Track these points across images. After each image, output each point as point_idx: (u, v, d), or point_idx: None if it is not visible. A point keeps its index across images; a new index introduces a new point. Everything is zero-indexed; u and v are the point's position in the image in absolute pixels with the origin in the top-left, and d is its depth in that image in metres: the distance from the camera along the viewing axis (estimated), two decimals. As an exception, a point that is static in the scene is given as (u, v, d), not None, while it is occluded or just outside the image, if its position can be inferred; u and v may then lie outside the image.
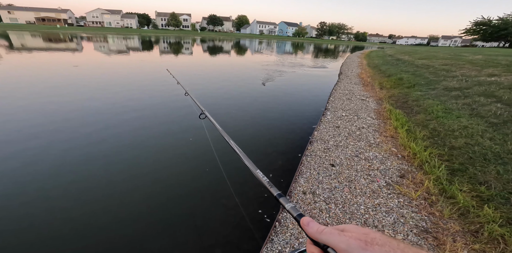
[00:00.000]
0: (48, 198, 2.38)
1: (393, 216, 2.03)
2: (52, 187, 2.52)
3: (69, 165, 2.91)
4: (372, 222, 1.97)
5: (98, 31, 52.15)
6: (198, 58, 16.38)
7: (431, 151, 3.06)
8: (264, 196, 2.41)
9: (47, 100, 5.26)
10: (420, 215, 2.04)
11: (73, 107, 4.93)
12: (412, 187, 2.42)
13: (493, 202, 2.12)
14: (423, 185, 2.42)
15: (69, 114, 4.55)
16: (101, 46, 21.41)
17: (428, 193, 2.31)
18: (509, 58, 10.36)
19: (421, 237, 1.82)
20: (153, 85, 7.36)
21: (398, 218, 2.01)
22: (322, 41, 79.38)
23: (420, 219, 1.99)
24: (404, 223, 1.96)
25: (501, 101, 4.73)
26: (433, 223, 1.94)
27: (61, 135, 3.64)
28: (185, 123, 4.43)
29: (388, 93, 6.61)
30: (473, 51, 18.71)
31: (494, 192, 2.26)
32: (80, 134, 3.71)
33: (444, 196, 2.24)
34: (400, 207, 2.13)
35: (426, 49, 27.25)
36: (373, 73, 10.76)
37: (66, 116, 4.43)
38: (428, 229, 1.89)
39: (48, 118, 4.30)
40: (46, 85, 6.69)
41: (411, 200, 2.22)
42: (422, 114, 4.56)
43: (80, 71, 8.96)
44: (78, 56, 13.93)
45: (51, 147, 3.29)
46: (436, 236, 1.81)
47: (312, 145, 3.35)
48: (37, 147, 3.25)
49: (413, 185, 2.44)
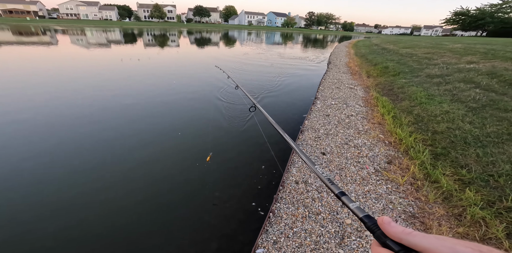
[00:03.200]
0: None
1: (382, 202, 1.95)
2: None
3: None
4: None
5: (74, 23, 46.19)
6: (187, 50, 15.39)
7: (416, 137, 2.96)
8: (258, 187, 2.28)
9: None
10: (407, 200, 1.96)
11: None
12: (399, 172, 2.33)
13: (474, 185, 2.06)
14: (409, 170, 2.34)
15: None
16: (78, 39, 19.18)
17: (414, 178, 2.23)
18: (486, 46, 10.17)
19: (409, 222, 1.75)
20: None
21: (387, 204, 1.93)
22: (311, 31, 76.31)
23: (408, 205, 1.92)
24: (393, 209, 1.88)
25: (480, 86, 4.62)
26: (419, 208, 1.87)
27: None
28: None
29: (375, 81, 6.41)
30: (453, 40, 18.43)
31: (474, 175, 2.20)
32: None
33: (429, 181, 2.17)
34: (388, 193, 2.05)
35: (409, 38, 26.62)
36: (360, 62, 10.42)
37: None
38: (415, 214, 1.82)
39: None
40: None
41: (398, 186, 2.14)
42: (407, 101, 4.43)
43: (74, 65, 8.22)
44: (58, 49, 12.77)
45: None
46: (423, 221, 1.75)
47: (303, 134, 3.19)
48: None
49: (400, 171, 2.36)
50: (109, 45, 15.95)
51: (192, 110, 4.46)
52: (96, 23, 49.22)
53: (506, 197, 1.82)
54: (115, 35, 24.33)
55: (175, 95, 5.31)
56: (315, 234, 1.71)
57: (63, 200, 2.14)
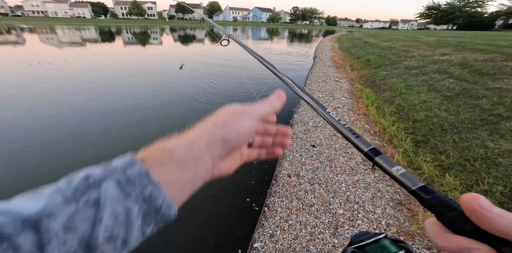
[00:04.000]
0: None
1: (371, 191, 1.98)
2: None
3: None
4: (354, 199, 1.90)
5: (41, 21, 41.49)
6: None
7: (398, 126, 3.03)
8: (251, 183, 2.22)
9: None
10: (393, 188, 2.00)
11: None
12: (385, 161, 2.37)
13: (452, 170, 2.15)
14: (393, 158, 2.38)
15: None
16: (49, 38, 17.36)
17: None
18: (457, 39, 10.65)
19: (397, 209, 1.79)
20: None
21: (375, 193, 1.96)
22: (296, 26, 75.65)
23: (394, 192, 1.96)
24: (381, 197, 1.91)
25: (453, 76, 4.82)
26: (405, 195, 1.92)
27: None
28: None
29: (359, 73, 6.49)
30: (427, 33, 19.12)
31: (452, 160, 2.29)
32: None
33: (412, 168, 2.23)
34: (376, 182, 2.08)
35: (388, 32, 27.27)
36: (344, 55, 10.51)
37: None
38: (402, 201, 1.86)
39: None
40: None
41: (385, 174, 2.18)
42: (389, 92, 4.52)
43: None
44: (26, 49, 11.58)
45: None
46: (409, 208, 1.79)
47: (293, 128, 3.15)
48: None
49: (386, 160, 2.40)
50: (84, 43, 14.69)
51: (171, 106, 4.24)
52: (68, 21, 44.60)
53: (482, 180, 1.91)
54: (89, 34, 22.27)
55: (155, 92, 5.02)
56: (310, 226, 1.70)
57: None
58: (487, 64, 5.13)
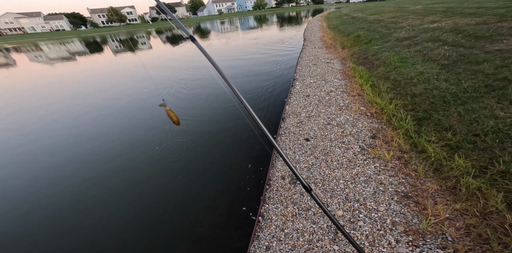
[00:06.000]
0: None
1: (372, 185, 1.69)
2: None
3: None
4: (353, 196, 1.63)
5: (22, 39, 37.35)
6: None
7: (396, 103, 2.64)
8: (247, 189, 1.97)
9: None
10: (397, 178, 1.71)
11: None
12: (385, 147, 2.05)
13: (462, 149, 1.81)
14: (394, 142, 2.05)
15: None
16: (37, 55, 15.58)
17: (401, 151, 1.96)
18: (444, 5, 9.45)
19: (403, 204, 1.51)
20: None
21: (377, 186, 1.67)
22: (283, 9, 70.20)
23: (399, 183, 1.66)
24: (384, 191, 1.63)
25: (447, 43, 4.20)
26: (411, 186, 1.62)
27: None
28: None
29: (350, 51, 5.84)
30: (413, 2, 17.27)
31: (460, 137, 1.94)
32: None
33: (416, 151, 1.90)
34: (377, 174, 1.78)
35: (374, 4, 24.76)
36: (333, 34, 9.58)
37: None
38: (408, 193, 1.58)
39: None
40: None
41: (386, 162, 1.87)
42: (382, 67, 4.00)
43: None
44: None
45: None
46: (417, 201, 1.51)
47: (285, 122, 2.82)
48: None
49: (386, 145, 2.07)
50: (73, 57, 14.01)
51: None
52: (48, 36, 40.39)
53: (497, 159, 1.58)
54: (76, 46, 20.74)
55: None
56: (308, 233, 1.46)
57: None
58: (481, 27, 4.43)
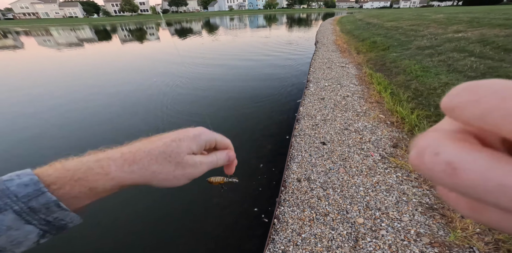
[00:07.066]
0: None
1: (394, 194, 1.67)
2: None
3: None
4: (375, 205, 1.61)
5: (35, 23, 39.50)
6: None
7: (419, 113, 2.63)
8: (258, 189, 1.96)
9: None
10: (421, 189, 1.69)
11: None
12: (407, 157, 2.03)
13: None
14: (417, 153, 2.04)
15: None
16: (45, 40, 16.50)
17: (424, 162, 1.94)
18: (468, 15, 9.50)
19: (428, 215, 1.49)
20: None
21: (399, 196, 1.65)
22: (294, 11, 71.11)
23: (423, 195, 1.64)
24: (407, 201, 1.61)
25: (474, 54, 4.21)
26: (436, 198, 1.60)
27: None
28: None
29: (366, 57, 5.87)
30: (434, 10, 17.48)
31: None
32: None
33: (441, 164, 1.88)
34: (399, 183, 1.76)
35: (391, 11, 25.06)
36: (347, 38, 9.64)
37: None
38: (433, 205, 1.56)
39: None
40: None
41: (409, 173, 1.86)
42: (402, 75, 4.01)
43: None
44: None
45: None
46: (443, 213, 1.49)
47: (300, 123, 2.81)
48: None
49: (408, 155, 2.05)
50: (82, 44, 14.18)
51: (178, 107, 3.92)
52: (61, 22, 42.45)
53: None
54: (86, 33, 21.35)
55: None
56: (326, 239, 1.44)
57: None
58: (511, 40, 4.44)
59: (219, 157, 0.29)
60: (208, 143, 0.28)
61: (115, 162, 0.22)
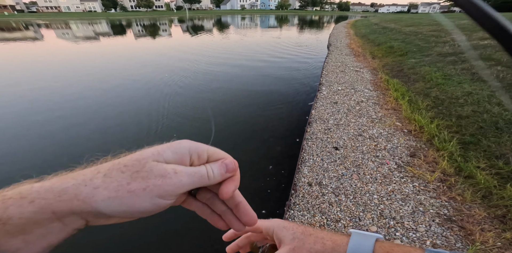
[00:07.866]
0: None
1: (410, 204, 1.64)
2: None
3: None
4: (389, 213, 1.59)
5: (56, 17, 42.22)
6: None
7: (438, 123, 2.57)
8: (267, 191, 1.98)
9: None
10: (439, 201, 1.65)
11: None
12: (425, 167, 2.00)
13: (516, 179, 1.73)
14: (436, 164, 2.00)
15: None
16: (64, 33, 17.63)
17: (444, 173, 1.90)
18: None
19: (445, 227, 1.46)
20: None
21: (416, 206, 1.62)
22: (306, 12, 71.50)
23: (441, 206, 1.61)
24: (424, 211, 1.58)
25: (501, 63, 4.07)
26: (455, 210, 1.56)
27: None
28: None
29: (381, 62, 5.81)
30: (456, 16, 16.99)
31: (513, 167, 1.85)
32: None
33: (462, 176, 1.84)
34: (416, 193, 1.73)
35: (409, 16, 24.69)
36: (362, 42, 9.58)
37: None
38: (452, 217, 1.52)
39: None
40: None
41: (426, 183, 1.82)
42: (421, 82, 3.94)
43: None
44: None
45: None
46: (462, 225, 1.45)
47: (312, 126, 2.82)
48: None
49: (426, 165, 2.02)
50: (98, 38, 14.86)
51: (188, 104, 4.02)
52: (80, 16, 45.28)
53: (561, 194, 1.50)
54: (102, 27, 22.55)
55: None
56: (337, 246, 1.43)
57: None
58: None
59: (211, 166, 0.21)
60: (196, 154, 0.21)
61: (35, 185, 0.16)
